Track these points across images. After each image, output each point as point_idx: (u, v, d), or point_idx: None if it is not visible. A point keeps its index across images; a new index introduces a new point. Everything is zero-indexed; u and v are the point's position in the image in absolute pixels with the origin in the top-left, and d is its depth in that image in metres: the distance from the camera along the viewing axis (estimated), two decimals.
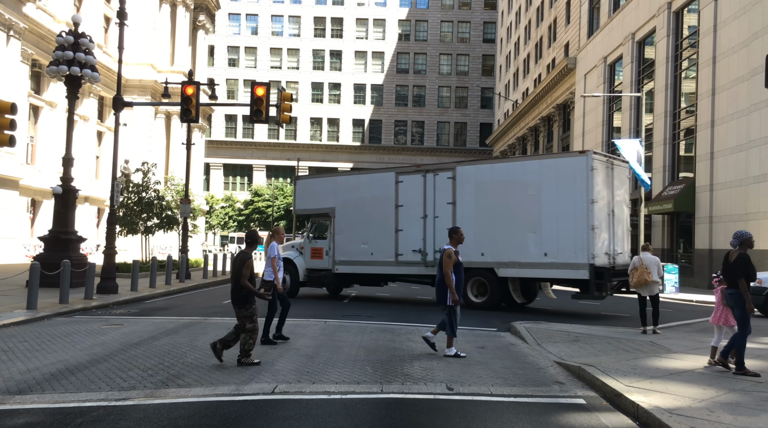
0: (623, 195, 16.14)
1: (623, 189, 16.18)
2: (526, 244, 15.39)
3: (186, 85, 18.26)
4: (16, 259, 29.92)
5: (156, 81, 42.76)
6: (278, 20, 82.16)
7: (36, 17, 32.52)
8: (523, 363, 9.19)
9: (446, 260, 9.53)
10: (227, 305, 16.87)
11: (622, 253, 15.75)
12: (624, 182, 16.34)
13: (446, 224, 15.90)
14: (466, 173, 16.55)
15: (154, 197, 27.62)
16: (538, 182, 15.38)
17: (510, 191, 15.81)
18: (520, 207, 15.59)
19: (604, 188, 15.01)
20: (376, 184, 18.28)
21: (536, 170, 15.57)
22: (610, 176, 15.43)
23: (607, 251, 14.98)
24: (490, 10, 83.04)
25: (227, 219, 74.55)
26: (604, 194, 15.05)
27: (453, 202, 16.49)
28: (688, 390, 7.26)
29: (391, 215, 17.40)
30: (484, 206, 16.16)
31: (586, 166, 14.64)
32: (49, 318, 12.95)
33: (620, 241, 15.75)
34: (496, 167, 16.65)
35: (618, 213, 15.64)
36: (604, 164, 15.24)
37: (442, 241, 15.97)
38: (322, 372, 8.17)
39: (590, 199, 14.52)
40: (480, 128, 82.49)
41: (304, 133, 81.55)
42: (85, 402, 6.56)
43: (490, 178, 16.30)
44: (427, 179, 16.91)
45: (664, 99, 31.81)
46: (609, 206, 15.27)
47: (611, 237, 15.24)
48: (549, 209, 15.06)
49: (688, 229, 29.60)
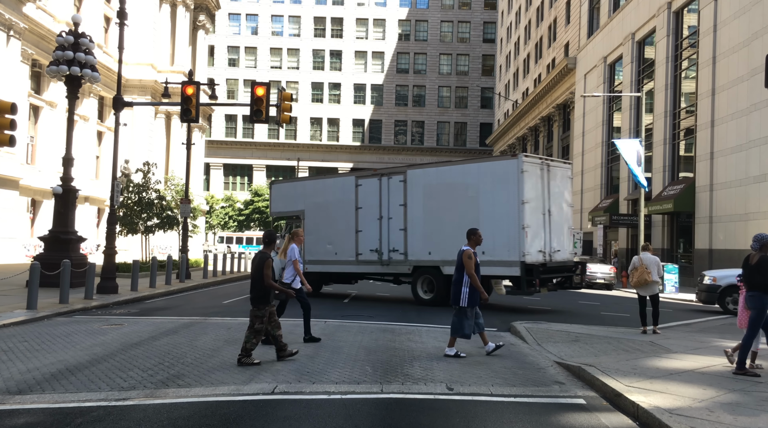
0: (563, 195, 16.75)
1: (564, 189, 16.78)
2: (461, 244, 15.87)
3: (186, 85, 18.25)
4: (16, 259, 29.92)
5: (156, 81, 42.76)
6: (278, 20, 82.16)
7: (36, 17, 32.51)
8: (523, 363, 9.19)
9: (467, 261, 9.49)
10: (227, 305, 16.90)
11: (560, 250, 16.31)
12: (565, 183, 16.89)
13: (399, 225, 17.15)
14: (415, 176, 17.33)
15: (154, 197, 27.62)
16: (476, 185, 16.17)
17: (453, 193, 16.58)
18: (461, 208, 16.30)
19: (536, 189, 15.67)
20: (339, 187, 19.21)
21: (475, 173, 16.41)
22: (545, 177, 16.04)
23: (541, 249, 15.66)
24: (490, 10, 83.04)
25: (227, 219, 74.56)
26: (537, 195, 15.69)
27: (404, 204, 17.28)
28: (688, 390, 7.26)
29: (352, 216, 18.27)
30: (431, 208, 16.89)
31: (517, 169, 15.35)
32: (49, 318, 12.96)
33: (560, 239, 16.34)
34: (441, 170, 17.32)
35: (556, 212, 16.25)
36: (537, 167, 15.86)
37: (395, 241, 17.44)
38: (322, 372, 8.17)
39: (521, 200, 15.20)
40: (480, 127, 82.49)
41: (304, 133, 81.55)
42: (85, 402, 6.56)
43: (435, 181, 17.04)
44: (383, 183, 17.76)
45: (664, 99, 31.82)
46: (544, 206, 15.89)
47: (547, 236, 15.87)
48: (486, 210, 15.79)
49: (688, 229, 29.61)
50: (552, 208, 16.07)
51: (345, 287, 22.23)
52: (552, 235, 16.01)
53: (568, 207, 16.91)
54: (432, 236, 16.77)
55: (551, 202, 16.07)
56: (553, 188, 16.26)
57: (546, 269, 15.76)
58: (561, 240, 16.38)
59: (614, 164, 38.51)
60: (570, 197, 17.14)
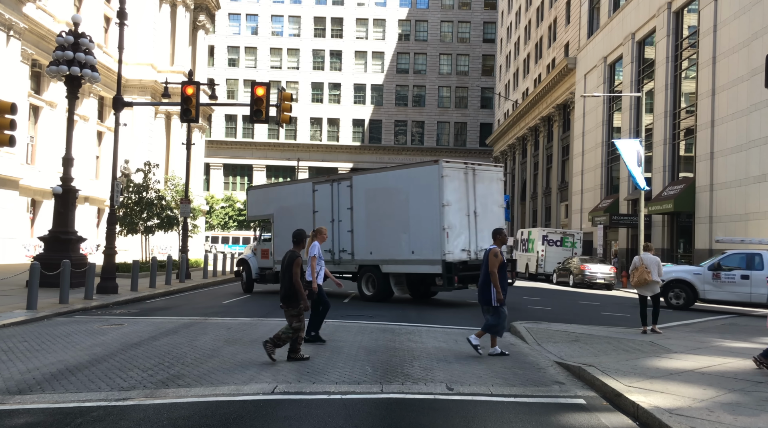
0: (493, 196, 17.56)
1: (493, 191, 17.62)
2: (400, 243, 17.30)
3: (186, 85, 18.25)
4: (16, 259, 29.92)
5: (156, 81, 42.75)
6: (278, 20, 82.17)
7: (36, 17, 32.50)
8: (523, 363, 9.19)
9: (492, 259, 9.51)
10: (227, 305, 16.90)
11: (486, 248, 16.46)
12: (494, 185, 17.71)
13: (347, 227, 18.44)
14: (359, 181, 18.53)
15: (154, 197, 27.61)
16: (406, 189, 17.24)
17: (389, 197, 17.71)
18: (396, 211, 17.42)
19: (459, 192, 16.57)
20: (300, 193, 20.46)
21: (405, 179, 17.47)
22: (469, 180, 16.93)
23: (465, 248, 16.60)
24: (490, 10, 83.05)
25: (227, 219, 74.55)
26: (461, 197, 16.59)
27: (351, 207, 18.46)
28: (688, 390, 7.26)
29: (311, 219, 19.38)
30: (372, 211, 18.04)
31: (438, 174, 16.29)
32: (49, 318, 12.95)
33: (488, 238, 16.78)
34: (378, 175, 18.72)
35: (483, 213, 17.06)
36: (460, 171, 16.77)
37: (344, 242, 18.64)
38: (322, 372, 8.17)
39: (441, 203, 16.14)
40: (480, 128, 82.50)
41: (304, 133, 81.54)
42: (85, 402, 6.56)
43: (375, 186, 18.25)
44: (334, 188, 18.95)
45: (664, 99, 31.82)
46: (469, 207, 16.78)
47: (473, 235, 16.79)
48: (414, 212, 16.85)
49: (688, 229, 29.61)
50: (478, 209, 16.97)
51: (345, 287, 22.20)
52: (478, 235, 16.88)
53: (498, 208, 17.75)
54: (373, 237, 17.95)
55: (477, 204, 16.96)
56: (480, 190, 17.12)
57: (467, 266, 16.51)
58: (491, 239, 16.58)
59: (614, 164, 38.52)
60: (501, 198, 18.01)
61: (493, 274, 9.43)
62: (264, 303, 17.46)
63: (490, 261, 9.51)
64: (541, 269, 34.19)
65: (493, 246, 9.77)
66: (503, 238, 9.93)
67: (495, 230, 10.15)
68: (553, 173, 52.53)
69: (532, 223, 58.39)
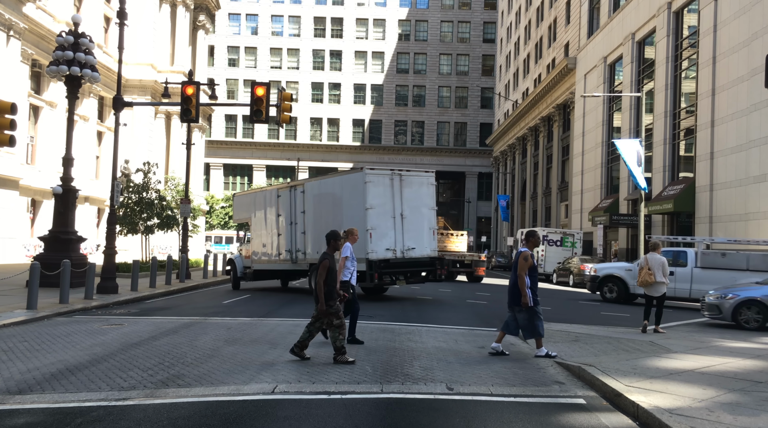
0: (422, 199, 18.65)
1: (422, 195, 18.69)
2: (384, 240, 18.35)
3: (186, 85, 18.25)
4: (16, 259, 29.92)
5: (156, 81, 42.74)
6: (278, 20, 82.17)
7: (36, 17, 32.49)
8: (523, 363, 9.19)
9: (522, 262, 9.46)
10: (227, 305, 16.90)
11: (416, 248, 18.30)
12: (424, 189, 18.81)
13: (301, 229, 19.81)
14: (309, 187, 19.94)
15: (154, 197, 27.60)
16: (341, 194, 18.75)
17: (329, 201, 19.21)
18: (334, 214, 18.69)
19: (384, 196, 17.79)
20: (268, 199, 21.96)
21: (340, 185, 19.01)
22: (395, 186, 18.05)
23: (390, 247, 17.79)
24: (490, 10, 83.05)
25: (227, 219, 74.52)
26: (386, 201, 17.81)
27: (303, 211, 19.84)
28: (688, 390, 7.26)
29: (275, 222, 21.11)
30: (317, 214, 19.44)
31: (362, 180, 17.58)
32: (49, 318, 12.95)
33: (417, 238, 18.32)
34: (322, 182, 20.04)
35: (411, 215, 18.20)
36: (385, 177, 18.03)
37: (299, 243, 19.87)
38: (322, 372, 8.17)
39: (365, 207, 17.35)
40: (480, 128, 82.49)
41: (304, 133, 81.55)
42: (85, 402, 6.55)
43: (319, 191, 19.66)
44: (292, 193, 20.36)
45: (664, 99, 31.82)
46: (395, 210, 17.92)
47: (399, 236, 17.95)
48: (347, 215, 18.04)
49: (688, 229, 29.60)
50: (405, 212, 18.09)
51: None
52: (405, 235, 18.04)
53: (429, 210, 18.79)
54: (319, 238, 18.72)
55: (404, 207, 18.08)
56: (408, 194, 18.24)
57: (389, 264, 17.71)
58: (419, 239, 18.33)
59: (614, 164, 38.52)
60: (432, 201, 18.98)
61: (520, 277, 9.39)
62: (264, 303, 17.47)
63: (519, 264, 9.47)
64: (541, 269, 34.19)
65: (524, 249, 9.65)
66: (536, 241, 9.82)
67: (527, 233, 10.06)
68: (553, 173, 52.53)
69: (532, 223, 58.39)
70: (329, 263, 8.81)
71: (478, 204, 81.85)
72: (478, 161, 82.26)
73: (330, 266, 8.81)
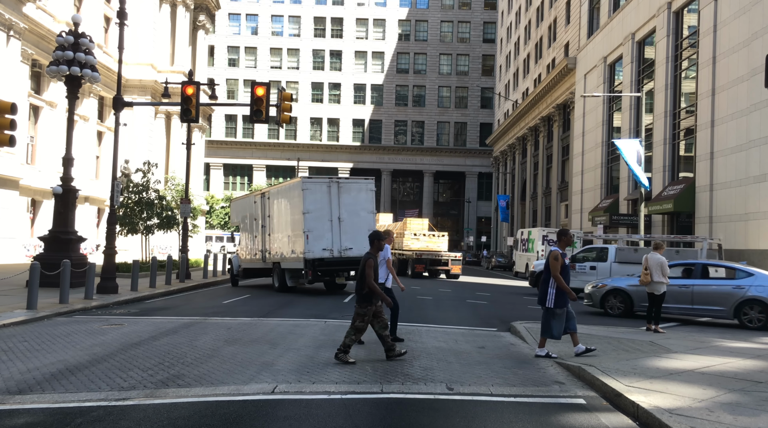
0: (361, 204, 20.11)
1: (361, 200, 20.18)
2: (287, 244, 20.60)
3: (186, 85, 18.24)
4: (16, 259, 29.92)
5: (156, 81, 42.73)
6: (278, 20, 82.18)
7: (36, 17, 32.49)
8: (523, 363, 9.19)
9: (553, 262, 9.30)
10: (227, 305, 16.90)
11: (353, 248, 19.64)
12: (363, 195, 20.29)
13: (267, 232, 22.13)
14: (271, 194, 22.23)
15: (154, 197, 27.60)
16: (288, 201, 20.67)
17: (282, 207, 21.19)
18: (285, 218, 20.85)
19: (321, 202, 19.57)
20: (247, 204, 24.73)
21: (288, 191, 20.92)
22: (333, 192, 19.77)
23: (326, 247, 19.44)
24: (490, 10, 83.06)
25: (227, 219, 74.49)
26: (323, 206, 19.56)
27: (269, 216, 22.02)
28: (688, 390, 7.26)
29: (253, 225, 23.70)
30: (276, 218, 21.58)
31: (300, 188, 19.56)
32: (49, 318, 12.95)
33: (355, 239, 19.51)
34: (278, 190, 22.00)
35: (349, 219, 19.74)
36: (323, 185, 19.91)
37: (266, 243, 22.08)
38: (322, 371, 8.17)
39: (302, 211, 19.29)
40: (480, 128, 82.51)
41: (304, 133, 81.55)
42: (85, 402, 6.55)
43: (276, 197, 21.69)
44: (262, 200, 22.78)
45: (664, 99, 31.82)
46: (332, 214, 19.63)
47: (336, 237, 19.58)
48: (292, 220, 20.19)
49: (688, 229, 29.60)
50: (343, 216, 19.68)
51: (345, 287, 22.28)
52: (342, 237, 19.61)
53: (367, 214, 20.17)
54: (277, 239, 21.45)
55: (342, 211, 19.68)
56: (346, 200, 19.84)
57: (323, 262, 19.49)
58: (357, 240, 19.36)
59: (614, 164, 38.52)
60: (371, 205, 20.34)
61: (557, 278, 9.25)
62: (264, 303, 17.47)
63: (550, 265, 9.31)
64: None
65: (554, 248, 9.48)
66: (568, 240, 9.63)
67: (559, 232, 9.82)
68: (553, 173, 52.53)
69: (532, 223, 58.40)
70: (375, 262, 8.97)
71: (478, 204, 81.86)
72: (478, 161, 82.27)
73: (375, 266, 8.99)
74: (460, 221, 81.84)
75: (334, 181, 20.28)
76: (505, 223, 66.73)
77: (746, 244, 24.34)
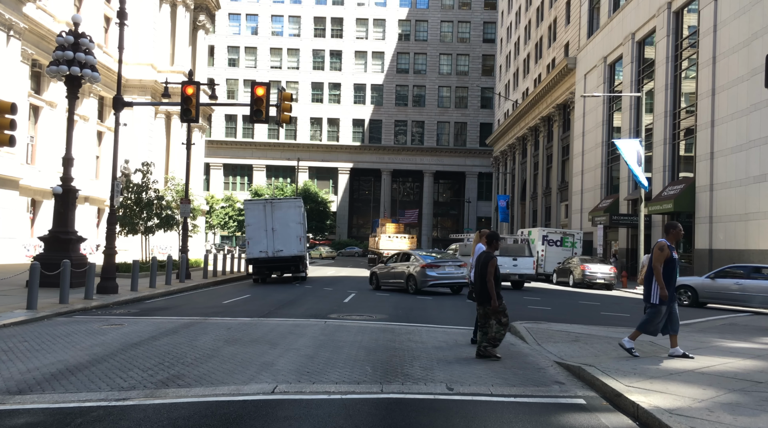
0: (291, 217, 26.32)
1: (291, 214, 26.41)
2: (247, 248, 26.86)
3: (186, 85, 18.25)
4: (16, 259, 29.92)
5: (156, 81, 42.74)
6: (278, 20, 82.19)
7: (36, 17, 32.49)
8: (523, 363, 9.19)
9: (657, 252, 8.71)
10: (227, 305, 16.90)
11: (283, 250, 25.89)
12: (292, 211, 26.53)
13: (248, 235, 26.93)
14: (261, 203, 27.39)
15: (154, 197, 27.60)
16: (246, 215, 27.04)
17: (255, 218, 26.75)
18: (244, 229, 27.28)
19: (258, 217, 26.16)
20: (255, 208, 27.76)
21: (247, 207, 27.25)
22: (267, 210, 26.30)
23: (262, 249, 25.87)
24: (490, 10, 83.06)
25: (227, 219, 74.52)
26: (260, 220, 26.08)
27: (272, 220, 26.43)
28: (688, 390, 7.26)
29: (256, 228, 27.03)
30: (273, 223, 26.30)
31: (244, 207, 27.34)
32: (49, 318, 12.95)
33: (286, 243, 25.92)
34: (274, 202, 27.20)
35: (281, 228, 25.94)
36: (260, 204, 26.93)
37: (271, 242, 25.93)
38: (322, 372, 8.17)
39: (246, 224, 26.72)
40: (480, 127, 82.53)
41: (304, 133, 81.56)
42: (85, 402, 6.55)
43: (272, 207, 26.62)
44: (266, 207, 26.88)
45: (664, 99, 31.82)
46: (267, 225, 25.96)
47: (270, 242, 25.82)
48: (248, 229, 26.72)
49: (688, 229, 29.60)
50: (276, 226, 25.96)
51: (345, 286, 22.39)
52: (275, 242, 25.80)
53: (296, 224, 26.34)
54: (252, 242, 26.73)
55: (275, 223, 25.99)
56: (278, 215, 26.12)
57: (258, 261, 26.11)
58: (287, 244, 25.94)
59: (614, 164, 38.52)
60: (299, 218, 26.47)
61: (656, 269, 8.70)
62: (264, 303, 17.47)
63: (654, 255, 8.72)
64: (541, 269, 34.19)
65: (661, 240, 8.96)
66: (677, 233, 9.00)
67: (668, 225, 9.17)
68: (553, 173, 52.53)
69: (532, 223, 58.41)
70: (496, 262, 9.12)
71: (478, 204, 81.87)
72: (478, 161, 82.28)
73: (497, 265, 9.16)
74: (460, 221, 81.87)
75: (269, 202, 26.90)
76: (505, 223, 66.74)
77: (746, 244, 24.34)
